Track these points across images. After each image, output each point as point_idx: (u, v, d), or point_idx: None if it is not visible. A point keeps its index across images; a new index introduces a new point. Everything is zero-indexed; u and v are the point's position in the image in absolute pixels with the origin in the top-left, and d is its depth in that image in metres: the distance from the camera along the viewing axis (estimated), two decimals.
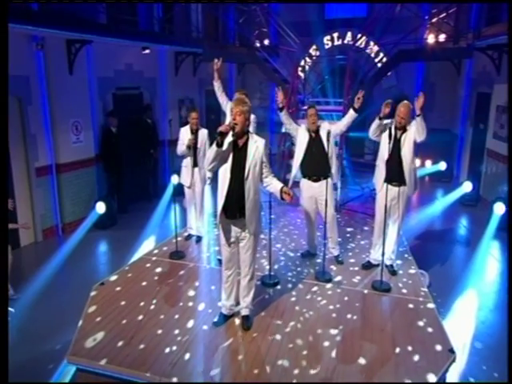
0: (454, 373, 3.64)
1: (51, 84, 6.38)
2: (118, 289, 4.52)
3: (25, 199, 6.42)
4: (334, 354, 3.45)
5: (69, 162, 6.88)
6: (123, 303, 4.25)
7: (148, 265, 5.12)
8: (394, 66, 7.54)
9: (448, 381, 3.51)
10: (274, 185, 3.66)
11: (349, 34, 10.15)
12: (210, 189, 5.97)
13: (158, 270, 5.01)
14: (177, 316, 3.99)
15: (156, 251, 5.48)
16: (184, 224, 6.12)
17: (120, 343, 3.60)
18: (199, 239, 5.76)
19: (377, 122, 4.60)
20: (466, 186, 8.44)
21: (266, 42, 10.12)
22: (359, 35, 9.46)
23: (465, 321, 4.72)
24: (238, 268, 3.85)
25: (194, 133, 5.38)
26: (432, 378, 3.17)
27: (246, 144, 3.58)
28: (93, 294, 4.39)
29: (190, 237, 5.81)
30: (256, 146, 3.59)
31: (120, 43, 7.15)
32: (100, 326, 3.86)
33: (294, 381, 3.16)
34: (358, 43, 9.51)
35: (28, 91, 6.15)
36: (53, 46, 6.28)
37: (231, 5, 8.95)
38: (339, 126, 4.96)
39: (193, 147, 5.36)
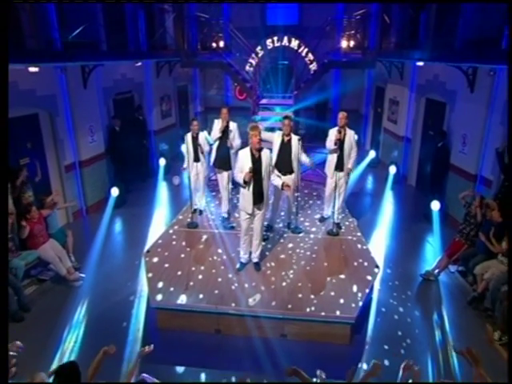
0: (377, 279, 5.17)
1: (72, 98, 6.72)
2: (167, 265, 4.92)
3: (58, 191, 6.89)
4: (316, 272, 4.88)
5: (88, 158, 7.32)
6: (179, 273, 4.72)
7: (174, 243, 5.52)
8: (325, 71, 8.93)
9: (375, 286, 4.97)
10: (275, 180, 4.83)
11: (285, 38, 10.99)
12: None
13: (184, 241, 5.54)
14: (222, 267, 4.92)
15: (171, 231, 5.94)
16: (176, 199, 7.31)
17: (201, 296, 4.35)
18: (201, 212, 6.70)
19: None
20: (371, 154, 10.16)
21: (221, 44, 10.63)
22: (293, 39, 10.48)
23: (378, 246, 6.16)
24: (251, 232, 5.00)
25: (195, 136, 6.11)
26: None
27: (260, 155, 4.63)
28: (150, 275, 4.68)
29: (195, 210, 6.63)
30: (266, 156, 4.68)
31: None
32: (177, 292, 4.37)
33: (300, 296, 4.40)
34: (291, 45, 10.53)
35: (55, 106, 6.48)
36: (72, 69, 6.60)
37: (194, 18, 9.36)
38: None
39: (193, 147, 6.06)
